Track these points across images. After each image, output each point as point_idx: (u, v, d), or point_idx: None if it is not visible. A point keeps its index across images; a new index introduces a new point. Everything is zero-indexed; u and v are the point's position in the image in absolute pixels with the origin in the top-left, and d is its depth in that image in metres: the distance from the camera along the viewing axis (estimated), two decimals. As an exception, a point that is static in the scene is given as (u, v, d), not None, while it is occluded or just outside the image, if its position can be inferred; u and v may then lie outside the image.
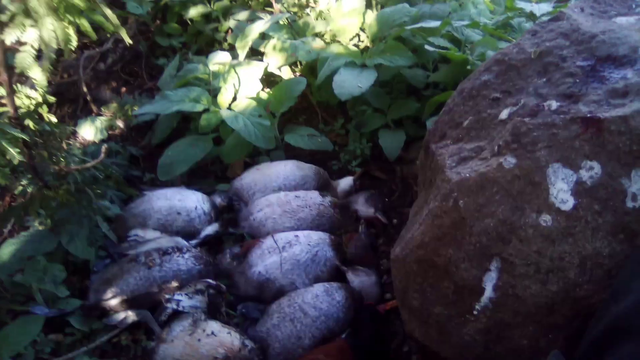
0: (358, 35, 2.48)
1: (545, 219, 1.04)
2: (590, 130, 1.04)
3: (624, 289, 0.88)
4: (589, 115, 1.06)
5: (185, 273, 1.69)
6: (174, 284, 1.66)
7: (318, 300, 1.54)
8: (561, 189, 1.04)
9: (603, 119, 1.03)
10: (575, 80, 1.17)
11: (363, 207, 1.90)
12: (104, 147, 1.66)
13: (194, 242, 1.86)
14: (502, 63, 1.34)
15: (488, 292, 1.08)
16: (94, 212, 1.75)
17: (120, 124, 2.46)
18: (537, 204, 1.05)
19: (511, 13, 2.10)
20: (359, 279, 1.65)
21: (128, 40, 1.41)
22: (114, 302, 1.62)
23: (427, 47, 2.01)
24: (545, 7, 2.00)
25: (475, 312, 1.10)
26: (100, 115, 2.52)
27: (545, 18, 1.83)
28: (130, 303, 1.63)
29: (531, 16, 1.99)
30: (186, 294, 1.58)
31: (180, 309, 1.54)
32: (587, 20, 1.30)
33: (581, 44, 1.23)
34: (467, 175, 1.14)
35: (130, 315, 1.61)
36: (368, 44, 2.42)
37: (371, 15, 2.37)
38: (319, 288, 1.59)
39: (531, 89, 1.23)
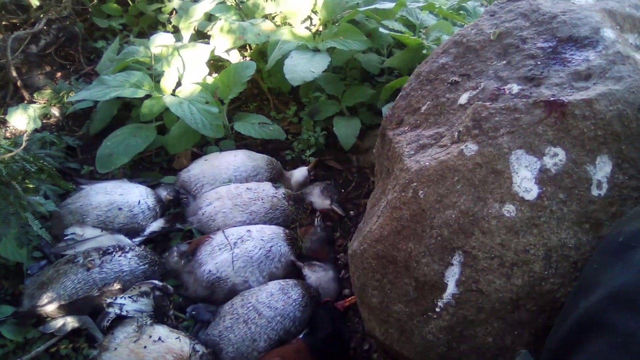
0: (310, 18, 2.39)
1: (509, 209, 0.99)
2: (554, 114, 1.00)
3: (592, 282, 0.84)
4: (552, 98, 1.01)
5: (128, 274, 1.59)
6: (116, 286, 1.56)
7: (273, 299, 1.47)
8: (525, 177, 1.00)
9: (567, 102, 0.99)
10: (537, 62, 1.12)
11: (318, 198, 1.84)
12: (25, 135, 1.52)
13: (137, 239, 1.75)
14: (460, 45, 1.29)
15: (450, 288, 1.03)
16: (24, 209, 1.59)
17: (55, 112, 2.32)
18: (500, 194, 1.01)
19: (466, -6, 2.06)
20: (316, 274, 1.59)
21: (35, 3, 1.25)
22: (50, 308, 1.52)
23: (381, 30, 1.95)
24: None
25: (437, 310, 1.05)
26: (33, 102, 2.37)
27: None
28: (68, 308, 1.53)
29: (487, -3, 1.95)
30: (130, 297, 1.48)
31: (124, 313, 1.45)
32: (547, 0, 1.25)
33: (541, 25, 1.19)
34: (427, 164, 1.09)
35: (69, 322, 1.51)
36: (320, 27, 2.33)
37: (323, -3, 2.28)
38: (273, 286, 1.51)
39: (491, 71, 1.18)
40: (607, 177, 0.98)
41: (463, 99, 1.19)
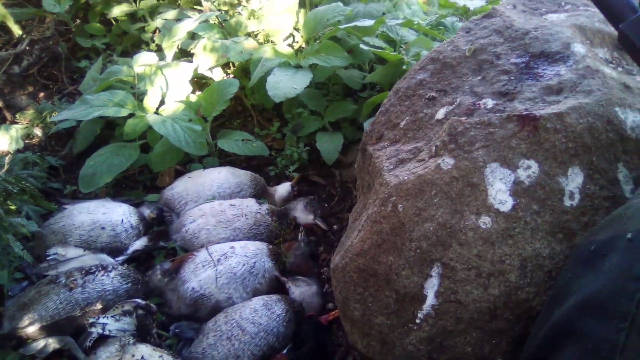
0: (292, 35, 2.42)
1: (485, 221, 1.01)
2: (527, 128, 1.03)
3: (566, 290, 0.86)
4: (524, 113, 1.04)
5: (110, 293, 1.57)
6: (99, 305, 1.54)
7: (257, 315, 1.46)
8: (500, 190, 1.02)
9: (539, 116, 1.02)
10: (510, 77, 1.15)
11: (302, 213, 1.84)
12: (7, 158, 1.51)
13: (120, 258, 1.73)
14: (437, 61, 1.32)
15: (430, 299, 1.04)
16: (5, 231, 1.58)
17: (38, 132, 2.30)
18: (476, 206, 1.03)
19: (444, 11, 2.11)
20: (300, 289, 1.58)
21: (17, 32, 1.26)
22: (31, 329, 1.49)
23: (362, 46, 1.98)
24: (479, 2, 2.02)
25: (417, 321, 1.06)
26: (16, 123, 2.34)
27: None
28: (50, 329, 1.50)
29: (464, 13, 2.00)
30: (112, 317, 1.46)
31: (107, 333, 1.42)
32: (520, 17, 1.29)
33: (515, 41, 1.22)
34: (406, 178, 1.10)
35: (51, 343, 1.47)
36: (302, 44, 2.36)
37: (305, 15, 2.31)
38: (257, 302, 1.51)
39: (467, 87, 1.21)
40: (579, 187, 1.00)
41: (440, 114, 1.21)
